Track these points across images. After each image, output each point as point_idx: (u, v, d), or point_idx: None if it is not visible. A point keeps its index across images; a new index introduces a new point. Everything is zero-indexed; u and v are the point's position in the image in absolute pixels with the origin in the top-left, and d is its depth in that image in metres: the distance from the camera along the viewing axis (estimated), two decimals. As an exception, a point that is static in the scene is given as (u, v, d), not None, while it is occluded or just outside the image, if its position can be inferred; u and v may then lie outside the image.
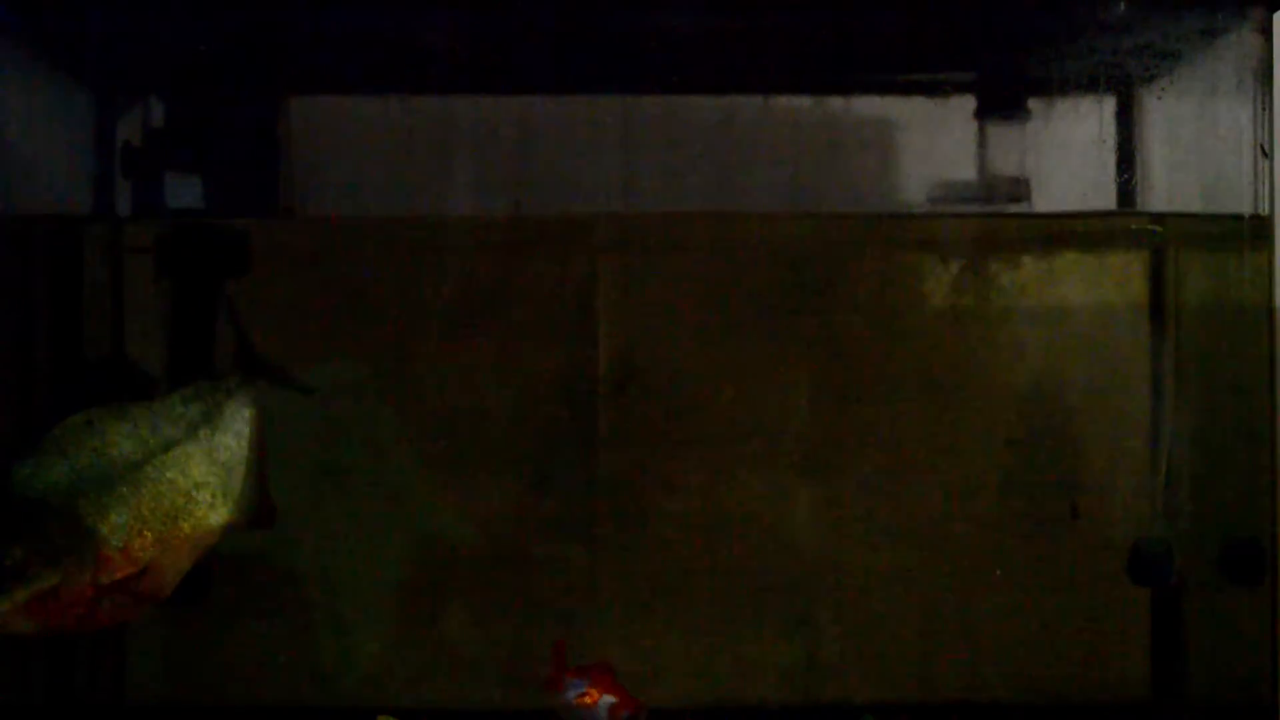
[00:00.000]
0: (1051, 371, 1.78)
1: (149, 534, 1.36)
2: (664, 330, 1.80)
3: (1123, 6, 1.59)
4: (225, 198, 1.76)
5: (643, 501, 1.79)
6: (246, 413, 1.49)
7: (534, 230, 1.80)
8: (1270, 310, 1.62)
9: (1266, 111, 1.59)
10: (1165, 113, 1.70)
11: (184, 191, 1.75)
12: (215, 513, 1.43)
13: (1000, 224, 1.80)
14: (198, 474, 1.42)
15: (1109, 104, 1.74)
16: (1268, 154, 1.59)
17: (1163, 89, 1.70)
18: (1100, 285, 1.78)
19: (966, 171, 1.80)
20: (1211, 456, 1.69)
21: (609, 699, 1.48)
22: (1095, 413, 1.77)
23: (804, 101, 1.81)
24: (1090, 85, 1.70)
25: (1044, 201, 1.77)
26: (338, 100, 1.84)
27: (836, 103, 1.82)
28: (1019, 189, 1.77)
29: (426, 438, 1.78)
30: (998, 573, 1.78)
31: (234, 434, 1.47)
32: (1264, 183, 1.60)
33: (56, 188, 1.75)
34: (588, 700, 1.49)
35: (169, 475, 1.40)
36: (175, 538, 1.38)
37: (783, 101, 1.81)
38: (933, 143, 1.80)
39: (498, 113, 1.80)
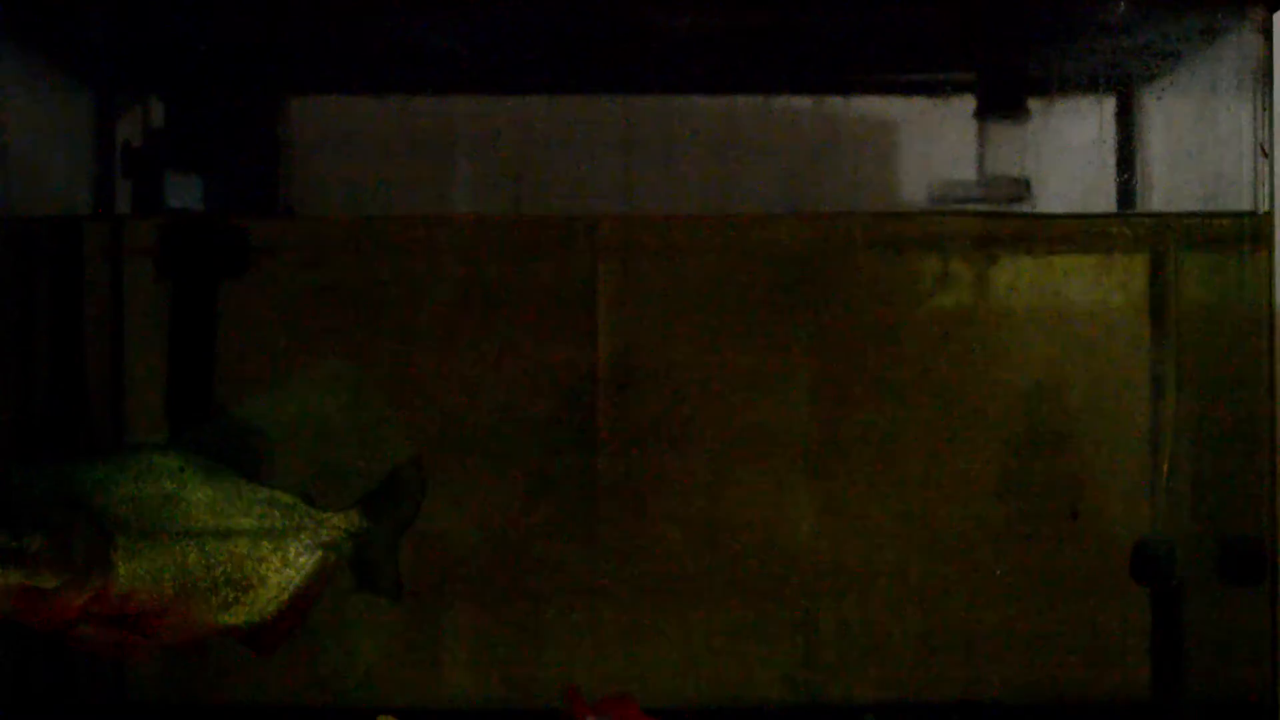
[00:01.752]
0: (1051, 371, 1.78)
1: (155, 597, 1.35)
2: (664, 330, 1.79)
3: (1122, 6, 1.59)
4: (225, 197, 1.76)
5: (642, 501, 1.79)
6: (317, 553, 1.45)
7: (534, 231, 1.79)
8: (1270, 310, 1.62)
9: (1266, 111, 1.59)
10: (1165, 113, 1.71)
11: (184, 191, 1.75)
12: (224, 614, 1.40)
13: (1000, 224, 1.80)
14: (234, 574, 1.40)
15: (1109, 104, 1.74)
16: (1268, 154, 1.59)
17: (1163, 89, 1.70)
18: (1100, 285, 1.78)
19: (966, 171, 1.80)
20: (1211, 456, 1.69)
21: None
22: (1095, 412, 1.77)
23: (804, 101, 1.81)
24: (1090, 85, 1.71)
25: (1044, 201, 1.77)
26: (337, 100, 1.84)
27: (836, 103, 1.82)
28: (1019, 189, 1.78)
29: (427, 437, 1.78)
30: (997, 571, 1.78)
31: (288, 562, 1.43)
32: (1264, 183, 1.60)
33: (56, 187, 1.75)
34: None
35: (207, 560, 1.38)
36: (174, 611, 1.37)
37: (782, 101, 1.81)
38: (932, 143, 1.80)
39: (498, 113, 1.80)
